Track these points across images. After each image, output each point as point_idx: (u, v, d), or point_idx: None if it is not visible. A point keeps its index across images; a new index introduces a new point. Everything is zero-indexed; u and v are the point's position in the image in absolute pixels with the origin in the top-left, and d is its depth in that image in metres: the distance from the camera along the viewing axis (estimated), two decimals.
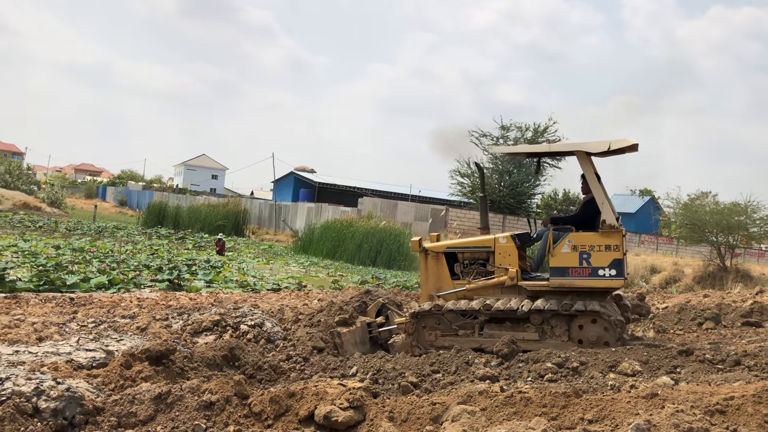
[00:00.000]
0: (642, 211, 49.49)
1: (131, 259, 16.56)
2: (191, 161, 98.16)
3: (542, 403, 4.35)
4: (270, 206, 42.28)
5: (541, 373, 5.93)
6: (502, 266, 7.58)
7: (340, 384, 4.98)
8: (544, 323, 7.23)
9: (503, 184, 36.18)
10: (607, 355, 6.28)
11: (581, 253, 7.19)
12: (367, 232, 25.29)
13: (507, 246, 7.65)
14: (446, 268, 7.91)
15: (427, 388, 5.70)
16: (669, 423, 3.87)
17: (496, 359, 6.42)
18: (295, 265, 21.40)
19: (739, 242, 25.72)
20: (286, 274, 17.90)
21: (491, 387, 5.03)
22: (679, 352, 6.38)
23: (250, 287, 13.90)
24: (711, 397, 4.31)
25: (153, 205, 40.40)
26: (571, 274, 7.19)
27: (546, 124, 36.29)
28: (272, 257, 23.55)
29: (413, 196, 48.14)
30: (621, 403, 4.29)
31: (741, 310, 9.73)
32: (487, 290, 7.63)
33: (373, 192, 47.05)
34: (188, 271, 15.36)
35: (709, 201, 25.11)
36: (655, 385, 5.12)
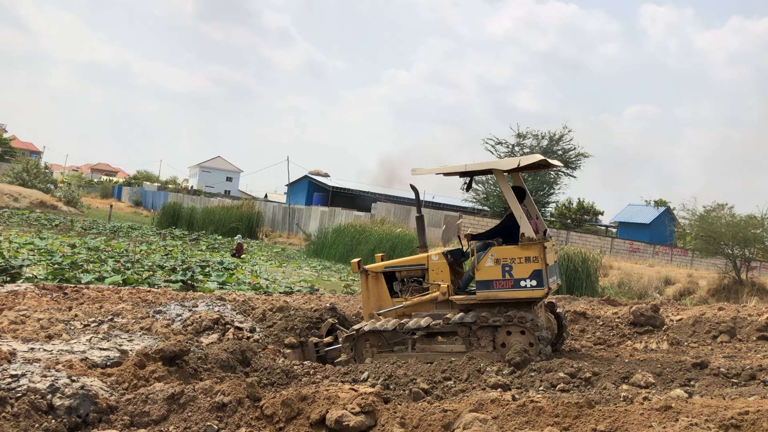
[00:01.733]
0: (657, 222, 49.09)
1: (145, 259, 16.68)
2: (206, 163, 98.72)
3: (554, 413, 4.33)
4: (284, 209, 42.40)
5: (554, 382, 5.90)
6: (435, 282, 7.87)
7: (352, 389, 4.98)
8: (470, 335, 7.52)
9: None
10: (620, 366, 6.24)
11: (504, 265, 7.44)
12: (380, 238, 25.29)
13: (439, 263, 7.96)
14: (385, 287, 8.20)
15: (439, 395, 5.69)
16: None
17: (508, 368, 6.40)
18: (308, 268, 21.46)
19: (756, 255, 25.46)
20: (299, 277, 17.96)
21: (503, 395, 5.01)
22: (693, 365, 6.33)
23: (262, 289, 13.96)
24: (726, 411, 4.26)
25: (168, 206, 40.67)
26: (496, 287, 7.45)
27: (561, 132, 36.21)
28: (285, 260, 23.63)
29: (427, 202, 48.09)
30: (634, 415, 4.26)
31: (757, 323, 9.62)
32: (423, 306, 7.92)
33: (387, 197, 47.06)
34: (201, 272, 15.45)
35: (725, 213, 24.89)
36: (669, 398, 5.07)
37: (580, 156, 36.56)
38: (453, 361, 6.62)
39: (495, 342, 7.43)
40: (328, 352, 8.31)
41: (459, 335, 7.57)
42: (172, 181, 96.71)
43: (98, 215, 42.13)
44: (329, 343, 8.41)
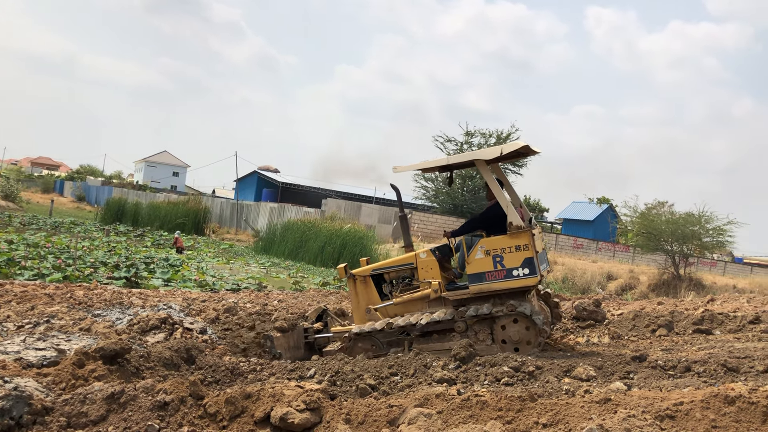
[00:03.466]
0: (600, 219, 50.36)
1: (87, 256, 16.23)
2: (152, 158, 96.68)
3: (498, 407, 4.39)
4: (232, 205, 41.86)
5: (498, 376, 5.97)
6: (425, 280, 7.79)
7: (298, 386, 4.95)
8: (468, 330, 7.44)
9: (465, 189, 36.49)
10: (562, 360, 6.37)
11: (494, 256, 7.39)
12: (330, 234, 25.22)
13: (428, 260, 7.87)
14: (375, 290, 8.07)
15: (385, 391, 5.70)
16: (621, 428, 3.95)
17: (454, 362, 6.45)
18: (256, 265, 21.23)
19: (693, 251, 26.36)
20: (247, 274, 17.75)
21: (448, 390, 5.06)
22: (632, 358, 6.50)
23: (209, 287, 13.74)
24: (662, 403, 4.40)
25: (112, 202, 39.72)
26: (488, 278, 7.38)
27: (509, 131, 36.76)
28: (233, 257, 23.32)
29: (377, 199, 48.17)
30: (575, 408, 4.35)
31: (693, 317, 9.96)
32: (414, 304, 7.82)
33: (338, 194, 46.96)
34: (146, 269, 15.13)
35: (665, 211, 25.71)
36: (609, 390, 5.20)
37: None
38: (400, 356, 6.65)
39: (494, 335, 7.37)
40: (317, 338, 8.22)
41: (457, 331, 7.47)
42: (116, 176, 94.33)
43: (39, 210, 40.78)
44: (318, 330, 8.31)
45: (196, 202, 37.62)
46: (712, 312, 10.26)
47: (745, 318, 9.88)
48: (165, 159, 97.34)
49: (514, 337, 7.29)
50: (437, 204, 37.99)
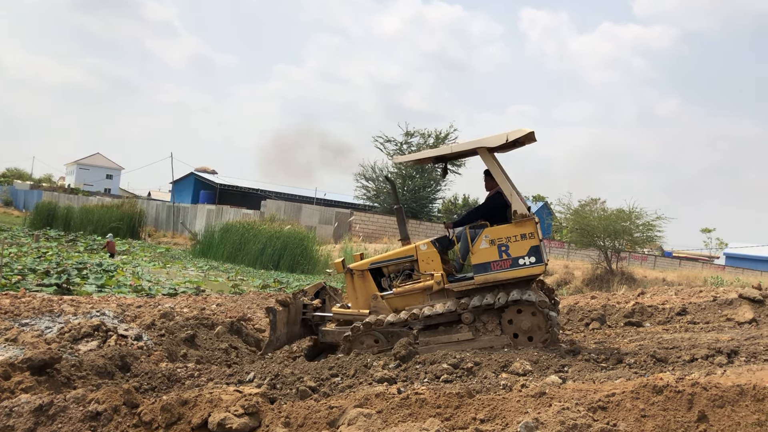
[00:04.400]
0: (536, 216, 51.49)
1: (15, 263, 15.60)
2: (84, 160, 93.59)
3: (437, 404, 4.44)
4: (168, 208, 40.97)
5: (437, 374, 6.04)
6: (426, 273, 7.62)
7: (237, 390, 4.89)
8: (476, 321, 7.27)
9: (406, 188, 36.76)
10: (500, 355, 6.48)
11: (499, 246, 7.27)
12: (270, 236, 24.97)
13: (429, 252, 7.70)
14: (373, 284, 7.88)
15: (326, 392, 5.68)
16: (555, 420, 4.05)
17: (394, 361, 6.48)
18: (194, 269, 20.84)
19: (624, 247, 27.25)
20: (184, 278, 17.40)
21: (389, 389, 5.08)
22: (567, 352, 6.68)
23: (144, 292, 13.41)
24: (594, 395, 4.53)
25: (41, 206, 38.27)
26: (494, 268, 7.26)
27: (447, 131, 37.21)
28: (169, 261, 22.83)
29: (318, 200, 47.98)
30: (511, 402, 4.44)
31: (624, 310, 10.31)
32: (415, 297, 7.64)
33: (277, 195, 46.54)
34: (78, 275, 14.65)
35: (598, 207, 26.47)
36: (544, 384, 5.33)
37: None
38: (340, 357, 6.64)
39: (502, 326, 7.22)
40: (315, 316, 8.09)
41: (464, 323, 7.28)
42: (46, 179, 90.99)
43: None
44: (317, 307, 8.18)
45: (131, 205, 36.66)
46: (643, 305, 10.63)
47: (673, 310, 10.28)
48: (98, 161, 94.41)
49: (524, 326, 7.17)
50: (378, 204, 38.12)
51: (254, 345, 8.50)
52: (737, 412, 4.23)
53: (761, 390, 4.38)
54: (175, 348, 7.55)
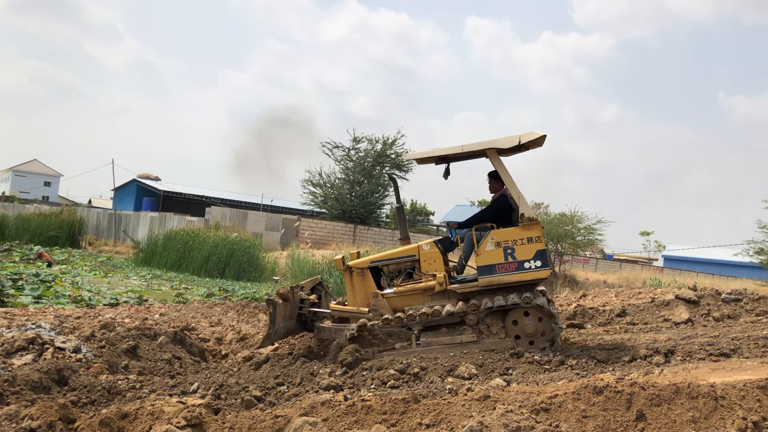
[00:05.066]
0: None
1: None
2: (21, 167, 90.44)
3: (383, 410, 4.44)
4: (109, 215, 39.92)
5: (384, 380, 6.05)
6: (429, 273, 7.58)
7: (180, 402, 4.79)
8: (479, 323, 7.26)
9: (353, 194, 36.74)
10: (446, 359, 6.54)
11: (505, 248, 7.27)
12: (215, 243, 24.59)
13: (431, 252, 7.67)
14: (373, 282, 7.80)
15: (272, 401, 5.62)
16: (499, 423, 4.10)
17: (341, 368, 6.47)
18: (136, 278, 20.35)
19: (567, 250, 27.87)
20: (126, 287, 16.97)
21: (335, 396, 5.06)
22: (511, 355, 6.77)
23: (84, 302, 13.02)
24: (537, 397, 4.61)
25: None
26: (499, 271, 7.25)
27: (395, 137, 37.39)
28: (111, 270, 22.23)
29: (264, 206, 47.50)
30: (456, 406, 4.48)
31: (566, 313, 10.53)
32: (416, 297, 7.58)
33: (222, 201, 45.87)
34: (13, 286, 14.12)
35: (541, 212, 27.00)
36: (489, 387, 5.40)
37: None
38: (286, 366, 6.59)
39: (506, 328, 7.22)
40: (312, 311, 7.97)
41: (467, 324, 7.25)
42: None
43: None
44: (314, 302, 8.06)
45: (70, 213, 35.57)
46: (584, 307, 10.88)
47: (613, 312, 10.55)
48: (35, 168, 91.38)
49: (528, 330, 7.21)
50: (326, 210, 37.98)
51: (198, 355, 8.34)
52: (673, 410, 4.36)
53: (695, 388, 4.53)
54: (115, 360, 7.34)
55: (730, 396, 4.47)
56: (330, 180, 37.42)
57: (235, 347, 8.89)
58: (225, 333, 9.58)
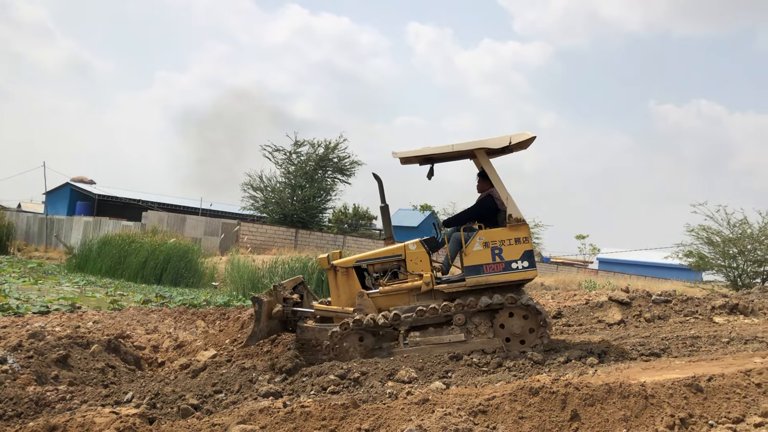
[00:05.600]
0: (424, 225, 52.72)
1: None
2: None
3: (322, 416, 4.42)
4: (40, 220, 38.51)
5: (324, 385, 6.02)
6: (415, 273, 7.59)
7: (113, 412, 4.66)
8: (467, 323, 7.29)
9: (296, 198, 36.49)
10: (386, 364, 6.55)
11: (493, 249, 7.31)
12: (152, 248, 23.99)
13: (418, 252, 7.67)
14: (357, 282, 7.76)
15: (209, 410, 5.52)
16: (438, 426, 4.13)
17: (280, 375, 6.40)
18: (69, 284, 19.66)
19: None
20: (58, 294, 16.38)
21: (274, 403, 5.01)
22: (450, 357, 6.84)
23: (12, 311, 12.50)
24: (475, 399, 4.67)
25: None
26: (486, 271, 7.29)
27: (337, 141, 37.34)
28: (42, 276, 21.42)
29: (204, 210, 46.69)
30: (396, 411, 4.49)
31: None
32: (401, 297, 7.57)
33: (160, 205, 44.87)
34: None
35: None
36: (429, 391, 5.43)
37: (354, 164, 37.99)
38: (223, 374, 6.47)
39: (494, 328, 7.26)
40: (295, 311, 7.86)
41: (456, 324, 7.26)
42: None
43: None
44: (297, 302, 7.96)
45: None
46: None
47: (549, 314, 10.78)
48: None
49: (515, 330, 7.28)
50: (267, 214, 37.58)
51: (134, 363, 8.13)
52: (606, 409, 4.49)
53: (627, 387, 4.67)
54: (45, 370, 7.07)
55: (660, 394, 4.63)
56: (271, 184, 37.04)
57: (172, 355, 8.69)
58: (162, 340, 9.35)
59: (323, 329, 7.61)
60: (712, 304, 10.70)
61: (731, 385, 4.85)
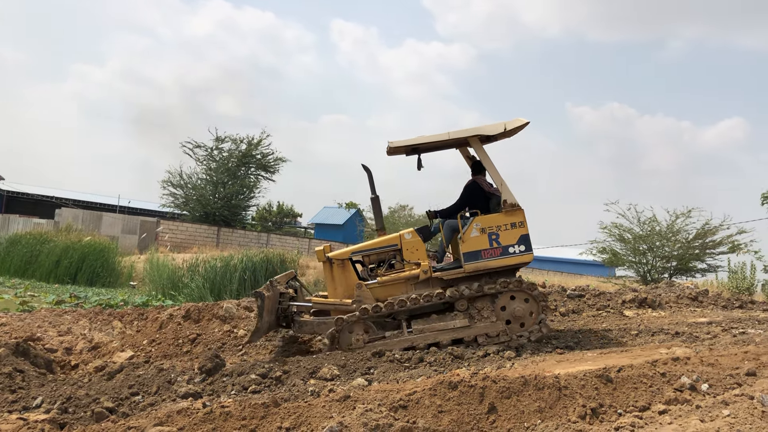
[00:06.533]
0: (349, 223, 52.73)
1: None
2: None
3: (242, 416, 4.37)
4: None
5: (245, 385, 5.95)
6: (412, 262, 7.69)
7: (20, 418, 4.47)
8: (469, 308, 7.44)
9: (218, 195, 35.77)
10: (308, 362, 6.54)
11: (490, 234, 7.46)
12: (66, 247, 23.02)
13: (414, 241, 7.76)
14: (354, 273, 7.80)
15: (125, 413, 5.36)
16: (359, 422, 4.16)
17: (200, 375, 6.28)
18: None
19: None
20: None
21: (193, 404, 4.92)
22: (372, 354, 6.89)
23: None
24: (397, 394, 4.72)
25: None
26: (484, 256, 7.43)
27: (260, 137, 36.83)
28: None
29: (121, 208, 45.16)
30: (317, 408, 4.50)
31: None
32: (398, 287, 7.66)
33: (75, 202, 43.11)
34: None
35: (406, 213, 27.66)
36: (351, 387, 5.46)
37: (278, 161, 37.57)
38: (140, 375, 6.30)
39: (496, 312, 7.42)
40: (290, 305, 7.75)
41: (458, 309, 7.38)
42: None
43: None
44: (293, 296, 7.89)
45: None
46: None
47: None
48: None
49: (517, 312, 7.47)
50: (187, 212, 36.65)
51: (44, 367, 7.79)
52: (522, 401, 4.63)
53: (542, 380, 4.83)
54: None
55: (572, 386, 4.82)
56: (192, 181, 36.14)
57: (86, 357, 8.39)
58: (75, 342, 9.00)
59: (322, 323, 7.64)
60: (622, 299, 11.19)
61: (639, 375, 5.10)
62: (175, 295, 16.29)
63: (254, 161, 36.79)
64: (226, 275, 16.39)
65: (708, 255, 20.38)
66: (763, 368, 5.62)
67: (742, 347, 6.74)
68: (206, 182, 35.93)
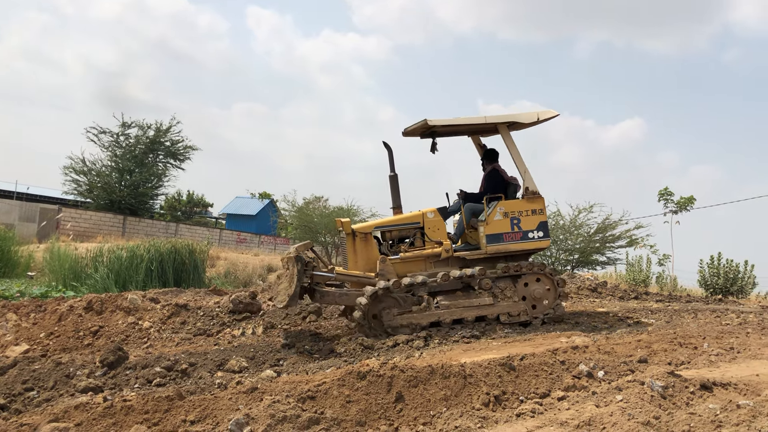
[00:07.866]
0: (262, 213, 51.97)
1: None
2: None
3: (144, 410, 4.25)
4: None
5: (150, 378, 5.79)
6: (434, 240, 7.92)
7: None
8: (493, 287, 7.68)
9: (124, 183, 34.44)
10: (216, 354, 6.43)
11: (512, 219, 7.84)
12: None
13: (436, 220, 8.04)
14: (376, 248, 7.90)
15: (18, 409, 5.10)
16: (266, 414, 4.13)
17: (102, 369, 6.06)
18: None
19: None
20: None
21: (93, 399, 4.74)
22: (282, 346, 6.86)
23: None
24: (305, 385, 4.71)
25: None
26: (506, 239, 7.81)
27: (170, 124, 35.74)
28: None
29: (19, 194, 42.76)
30: (223, 401, 4.43)
31: None
32: (418, 264, 7.88)
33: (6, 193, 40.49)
34: None
35: (321, 205, 27.54)
36: (259, 379, 5.41)
37: (188, 148, 36.58)
38: (36, 370, 6.01)
39: (517, 292, 7.68)
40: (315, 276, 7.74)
41: (483, 288, 7.67)
42: None
43: None
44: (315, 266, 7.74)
45: None
46: None
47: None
48: None
49: (537, 294, 7.81)
50: (91, 199, 35.10)
51: None
52: (428, 389, 4.72)
53: (448, 368, 4.95)
54: None
55: (477, 374, 4.96)
56: (96, 168, 34.59)
57: None
58: None
59: (344, 294, 7.71)
60: None
61: (540, 363, 5.30)
62: (77, 286, 15.60)
63: (163, 148, 35.65)
64: (132, 266, 15.81)
65: (608, 248, 21.35)
66: (654, 355, 5.98)
67: (636, 336, 7.13)
68: (111, 169, 34.53)
